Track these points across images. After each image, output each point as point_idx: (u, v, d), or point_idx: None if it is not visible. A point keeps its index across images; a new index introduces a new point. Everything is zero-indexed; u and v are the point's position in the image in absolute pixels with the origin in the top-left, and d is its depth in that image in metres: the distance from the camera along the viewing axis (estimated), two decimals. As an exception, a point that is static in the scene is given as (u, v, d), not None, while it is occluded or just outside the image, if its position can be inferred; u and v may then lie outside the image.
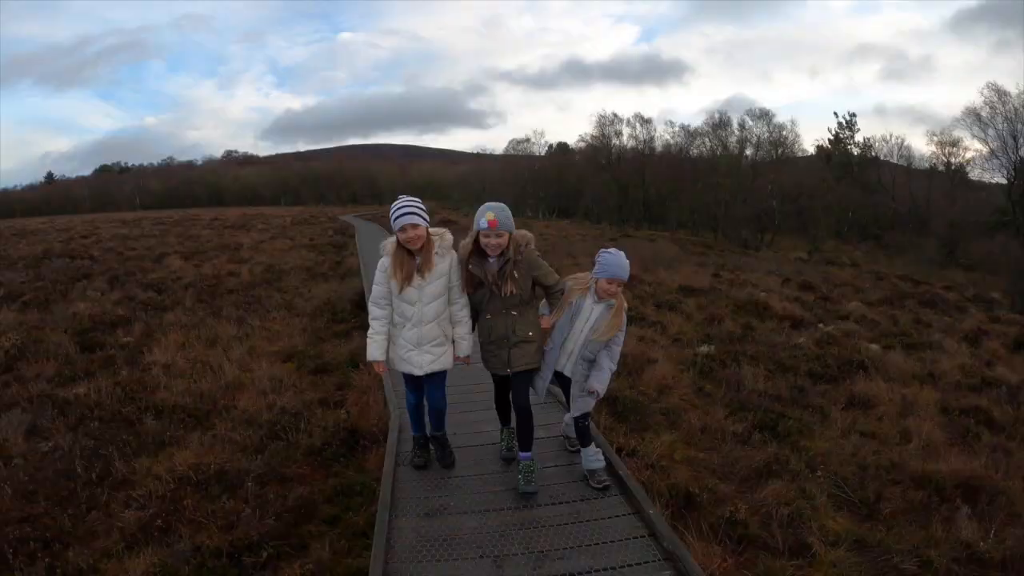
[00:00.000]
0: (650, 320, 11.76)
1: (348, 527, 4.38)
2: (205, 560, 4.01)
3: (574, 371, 4.70)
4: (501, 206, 4.45)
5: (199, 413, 6.60)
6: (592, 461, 4.78)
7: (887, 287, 22.14)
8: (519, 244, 4.45)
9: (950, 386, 8.90)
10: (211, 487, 4.99)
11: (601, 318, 4.57)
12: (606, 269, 4.54)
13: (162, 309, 12.25)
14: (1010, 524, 5.00)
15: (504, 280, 4.38)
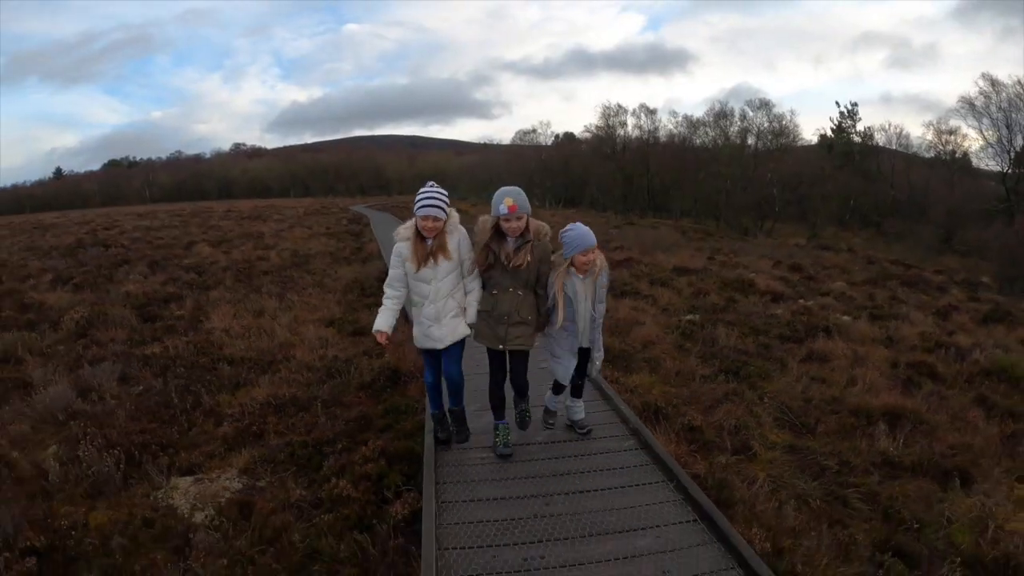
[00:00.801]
0: (643, 294, 13.01)
1: (398, 432, 5.74)
2: (295, 451, 5.43)
3: (592, 337, 5.05)
4: (517, 190, 4.64)
5: (263, 362, 7.99)
6: (579, 412, 5.45)
7: (875, 270, 22.93)
8: (539, 231, 4.71)
9: (905, 348, 9.91)
10: (287, 409, 6.42)
11: (600, 287, 4.94)
12: (575, 245, 4.74)
13: (206, 288, 13.61)
14: (921, 440, 6.19)
15: (519, 254, 4.58)
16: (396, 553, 3.98)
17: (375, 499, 4.67)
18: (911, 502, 4.98)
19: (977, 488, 5.25)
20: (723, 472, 5.12)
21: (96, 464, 5.24)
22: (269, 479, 5.15)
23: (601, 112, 66.66)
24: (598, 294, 4.95)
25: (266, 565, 4.06)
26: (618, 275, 15.00)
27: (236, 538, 4.32)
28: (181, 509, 4.75)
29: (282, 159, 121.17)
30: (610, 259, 17.12)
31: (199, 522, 4.55)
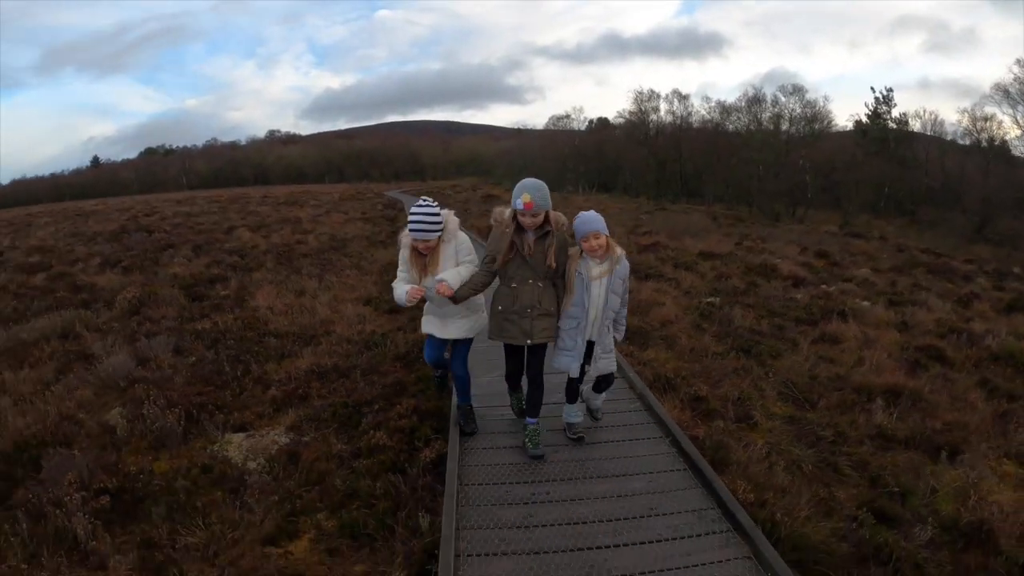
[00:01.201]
0: (667, 277, 13.41)
1: (429, 395, 6.30)
2: (337, 410, 6.06)
3: (599, 334, 4.78)
4: (537, 185, 4.56)
5: (306, 336, 8.64)
6: (595, 405, 5.42)
7: (903, 258, 22.86)
8: (556, 221, 4.62)
9: (919, 333, 10.15)
10: (329, 376, 7.06)
11: (617, 277, 4.70)
12: (581, 230, 4.61)
13: (248, 270, 14.35)
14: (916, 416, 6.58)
15: (545, 248, 4.58)
16: (424, 490, 4.60)
17: (407, 448, 5.27)
18: (900, 472, 5.33)
19: (963, 461, 5.57)
20: (721, 435, 5.59)
21: (159, 421, 5.90)
22: (313, 435, 5.76)
23: (634, 97, 66.24)
24: (613, 284, 4.68)
25: (311, 501, 4.69)
26: (643, 259, 15.43)
27: (285, 480, 4.98)
28: (235, 459, 5.39)
29: (317, 145, 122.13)
30: (637, 243, 17.55)
31: (252, 469, 5.19)
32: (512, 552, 3.68)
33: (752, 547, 3.62)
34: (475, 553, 3.68)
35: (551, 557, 3.61)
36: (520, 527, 3.94)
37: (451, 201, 38.24)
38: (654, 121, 64.95)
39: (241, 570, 3.96)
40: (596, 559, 3.59)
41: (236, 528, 4.42)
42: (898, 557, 4.02)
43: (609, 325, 4.82)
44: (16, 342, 9.18)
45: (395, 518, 4.35)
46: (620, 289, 4.77)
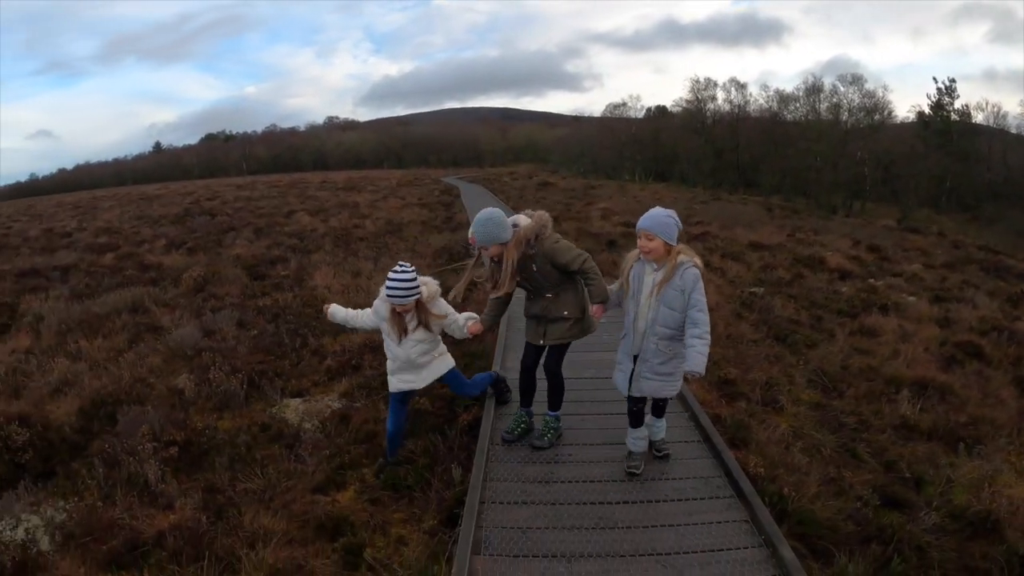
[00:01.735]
0: (713, 266, 13.64)
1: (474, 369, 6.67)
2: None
3: (644, 347, 4.28)
4: (482, 220, 4.52)
5: (361, 314, 9.18)
6: (658, 430, 4.75)
7: (957, 254, 22.42)
8: (527, 241, 4.51)
9: (960, 329, 10.10)
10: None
11: (673, 289, 4.11)
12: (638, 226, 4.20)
13: (307, 252, 15.08)
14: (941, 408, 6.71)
15: (496, 282, 4.61)
16: (460, 449, 5.06)
17: (448, 413, 5.77)
18: (917, 461, 5.48)
19: (980, 454, 5.67)
20: (743, 416, 5.88)
21: (224, 385, 6.49)
22: (364, 401, 6.27)
23: (690, 86, 66.14)
24: (667, 296, 4.12)
25: (359, 456, 5.21)
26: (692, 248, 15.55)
27: (336, 438, 5.51)
28: (292, 420, 5.95)
29: (375, 131, 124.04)
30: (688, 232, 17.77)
31: (307, 429, 5.72)
32: (531, 502, 4.11)
33: (750, 512, 3.94)
34: (498, 501, 4.13)
35: (565, 508, 4.02)
36: (541, 482, 4.37)
37: (507, 188, 38.68)
38: (711, 110, 64.80)
39: (293, 513, 4.44)
40: (605, 512, 3.99)
41: (290, 477, 4.94)
42: (900, 539, 4.16)
43: (665, 346, 4.21)
44: (90, 315, 9.97)
45: (432, 472, 4.81)
46: (678, 304, 4.09)
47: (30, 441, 5.41)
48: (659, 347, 4.22)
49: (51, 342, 8.93)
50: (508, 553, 3.61)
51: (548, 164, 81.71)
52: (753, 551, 3.60)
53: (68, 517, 4.44)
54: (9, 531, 4.29)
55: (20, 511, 4.52)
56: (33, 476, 5.14)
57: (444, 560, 3.76)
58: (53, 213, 36.31)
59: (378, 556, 4.00)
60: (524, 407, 5.17)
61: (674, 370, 4.30)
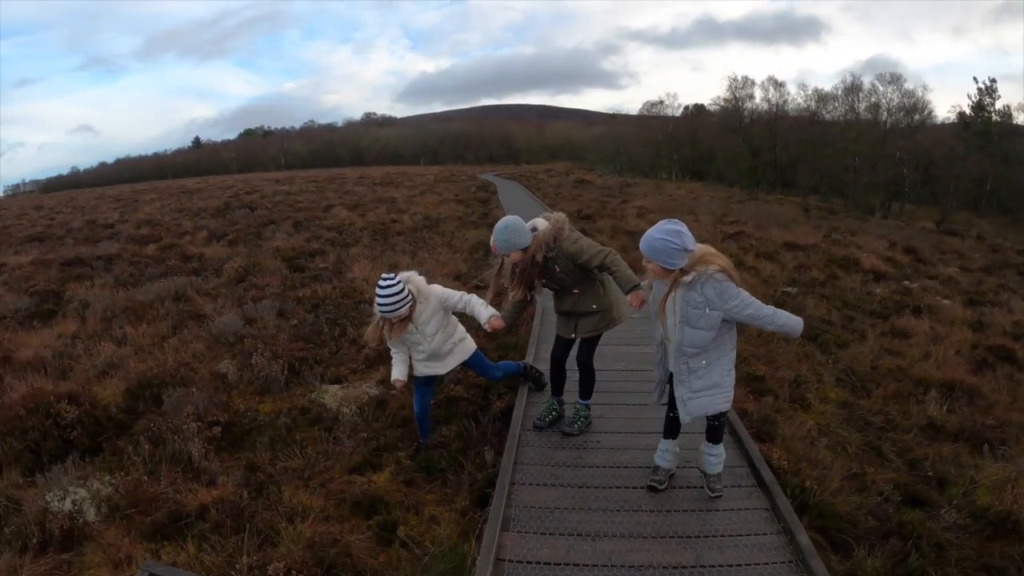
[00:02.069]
0: (747, 266, 13.61)
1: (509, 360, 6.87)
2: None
3: (677, 369, 3.99)
4: (503, 227, 4.65)
5: (398, 305, 9.41)
6: (711, 463, 4.23)
7: (996, 258, 22.11)
8: (546, 245, 4.62)
9: (994, 333, 10.02)
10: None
11: (690, 306, 3.74)
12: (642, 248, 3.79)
13: (345, 245, 15.39)
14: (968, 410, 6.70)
15: (515, 285, 4.80)
16: (492, 434, 5.24)
17: (482, 400, 5.99)
18: (942, 461, 5.50)
19: (1004, 455, 5.68)
20: (769, 411, 5.97)
21: (265, 370, 6.75)
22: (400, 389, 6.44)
23: (728, 84, 65.64)
24: (686, 313, 3.76)
25: (395, 439, 5.44)
26: (726, 247, 15.57)
27: (374, 422, 5.74)
28: (331, 405, 6.17)
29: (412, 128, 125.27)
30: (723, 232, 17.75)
31: (345, 413, 5.95)
32: (559, 484, 4.29)
33: (770, 501, 4.06)
34: (528, 483, 4.31)
35: (592, 491, 4.19)
36: (569, 466, 4.55)
37: (544, 185, 38.84)
38: (749, 108, 64.20)
39: (330, 491, 4.67)
40: (630, 496, 4.15)
41: (328, 458, 5.17)
42: (919, 535, 4.22)
43: (696, 363, 3.90)
44: (134, 302, 10.29)
45: (465, 456, 5.01)
46: (703, 322, 3.73)
47: (78, 419, 5.65)
48: (691, 366, 3.90)
49: (96, 328, 9.24)
50: (535, 531, 3.79)
51: (584, 162, 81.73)
52: (771, 537, 3.73)
53: (114, 491, 4.67)
54: (57, 502, 4.52)
55: (68, 484, 4.76)
56: (80, 452, 5.41)
57: (474, 538, 3.94)
58: (95, 205, 37.18)
59: (411, 533, 4.19)
60: (555, 396, 5.30)
61: (721, 380, 3.94)
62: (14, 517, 4.36)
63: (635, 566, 3.48)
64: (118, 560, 4.03)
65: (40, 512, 4.34)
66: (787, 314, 3.85)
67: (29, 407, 5.62)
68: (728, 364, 3.97)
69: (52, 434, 5.49)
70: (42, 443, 5.40)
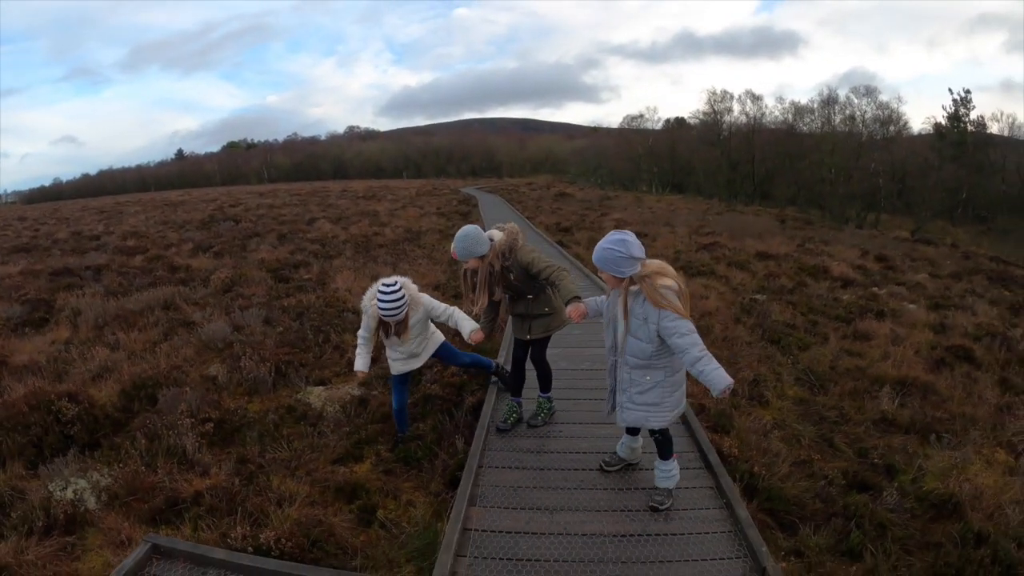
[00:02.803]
0: (718, 275, 14.18)
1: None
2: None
3: (620, 377, 4.17)
4: (463, 236, 4.96)
5: (378, 313, 9.76)
6: (661, 476, 4.32)
7: (966, 265, 22.51)
8: (502, 254, 4.97)
9: (955, 335, 10.40)
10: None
11: (635, 317, 3.92)
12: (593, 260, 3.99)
13: (329, 257, 15.76)
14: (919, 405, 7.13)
15: (475, 292, 5.11)
16: (464, 426, 5.67)
17: (456, 398, 6.40)
18: (892, 451, 5.91)
19: (948, 443, 6.09)
20: (726, 407, 6.38)
21: (254, 372, 7.10)
22: (381, 389, 6.85)
23: (707, 98, 66.70)
24: (632, 325, 3.95)
25: (375, 433, 5.84)
26: (699, 257, 16.17)
27: (356, 418, 6.14)
28: (315, 404, 6.54)
29: (395, 141, 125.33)
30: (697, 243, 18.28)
31: (329, 411, 6.32)
32: (522, 467, 4.73)
33: (715, 480, 4.49)
34: (493, 465, 4.75)
35: (552, 473, 4.63)
36: (533, 452, 4.99)
37: (525, 199, 39.33)
38: (727, 122, 65.14)
39: (315, 479, 5.05)
40: (586, 477, 4.59)
41: (313, 450, 5.57)
42: (862, 516, 4.60)
43: (639, 375, 4.05)
44: (124, 311, 10.61)
45: (440, 446, 5.42)
46: (643, 333, 3.90)
47: (78, 415, 5.99)
48: (632, 377, 4.06)
49: (88, 335, 9.56)
50: (499, 505, 4.21)
51: (566, 175, 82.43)
52: (714, 511, 4.15)
53: (113, 481, 5.01)
54: (59, 491, 4.85)
55: (69, 475, 5.09)
56: (80, 446, 5.74)
57: (446, 517, 4.32)
58: (79, 217, 37.40)
59: (389, 516, 4.57)
60: (515, 398, 5.61)
61: (659, 400, 4.05)
62: (19, 504, 4.68)
63: (587, 534, 3.90)
64: (119, 541, 4.34)
65: (44, 499, 4.67)
66: (716, 367, 3.73)
67: (32, 404, 5.96)
68: (671, 388, 4.07)
69: (53, 429, 5.82)
70: (44, 438, 5.74)
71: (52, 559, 4.16)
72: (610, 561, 3.66)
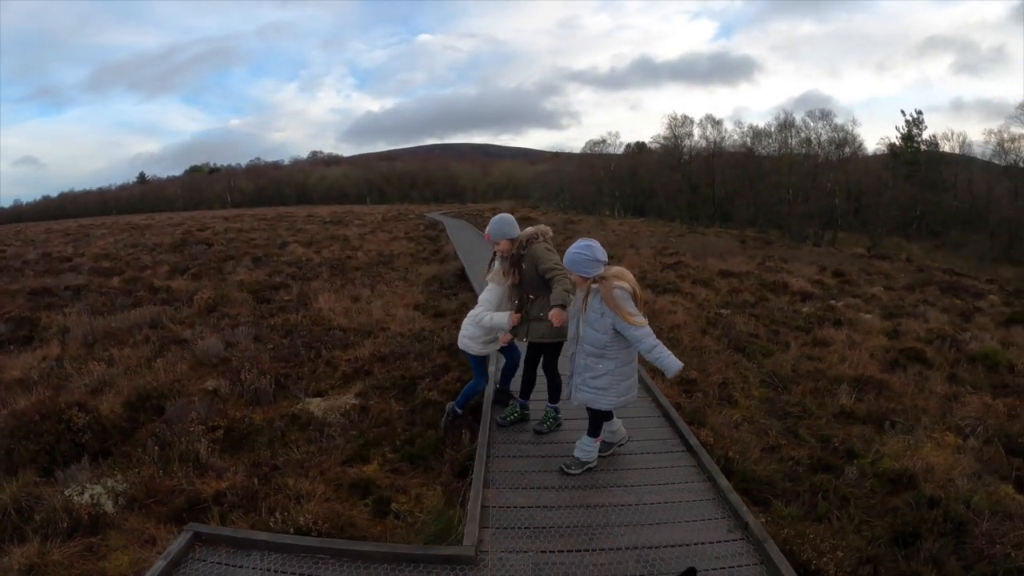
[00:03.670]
0: (684, 292, 14.79)
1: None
2: (396, 381, 7.57)
3: (576, 362, 4.81)
4: (499, 219, 5.63)
5: (365, 331, 10.17)
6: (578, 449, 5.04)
7: (920, 277, 23.59)
8: (521, 242, 5.47)
9: (909, 340, 11.15)
10: (388, 359, 8.56)
11: (592, 311, 4.62)
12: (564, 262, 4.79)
13: (307, 279, 16.06)
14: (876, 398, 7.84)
15: (506, 271, 5.55)
16: (464, 426, 6.11)
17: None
18: (851, 439, 6.51)
19: (899, 428, 6.80)
20: (700, 404, 6.97)
21: (255, 383, 7.45)
22: (377, 399, 7.22)
23: (668, 123, 68.23)
24: (589, 316, 4.63)
25: (379, 436, 6.23)
26: (664, 276, 16.82)
27: (360, 423, 6.52)
28: (317, 413, 6.89)
29: (358, 166, 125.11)
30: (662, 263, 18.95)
31: (332, 419, 6.69)
32: (527, 456, 5.26)
33: (696, 460, 5.10)
34: (500, 455, 5.27)
35: (554, 459, 5.14)
36: (534, 443, 5.56)
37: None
38: (688, 146, 66.52)
39: (327, 478, 5.44)
40: (585, 461, 5.08)
41: (322, 453, 5.94)
42: (827, 490, 5.23)
43: (593, 362, 4.70)
44: (112, 329, 10.81)
45: (444, 444, 5.88)
46: (598, 324, 4.57)
47: (88, 424, 6.24)
48: (587, 363, 4.69)
49: (79, 352, 9.72)
50: (510, 487, 4.72)
51: (529, 200, 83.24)
52: (698, 484, 4.74)
53: (129, 485, 5.30)
54: (76, 496, 5.09)
55: (84, 480, 5.34)
56: (91, 454, 5.99)
57: (459, 504, 4.76)
58: (45, 239, 37.06)
59: (401, 509, 4.98)
60: (523, 398, 5.98)
61: (608, 386, 4.68)
62: (38, 509, 4.90)
63: (590, 506, 4.45)
64: (144, 540, 4.65)
65: (66, 502, 4.93)
66: (668, 354, 4.40)
67: (43, 413, 6.19)
68: (620, 377, 4.70)
69: (65, 437, 6.06)
70: (56, 446, 5.97)
71: (78, 559, 4.41)
72: (614, 525, 4.22)
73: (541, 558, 3.90)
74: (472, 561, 3.84)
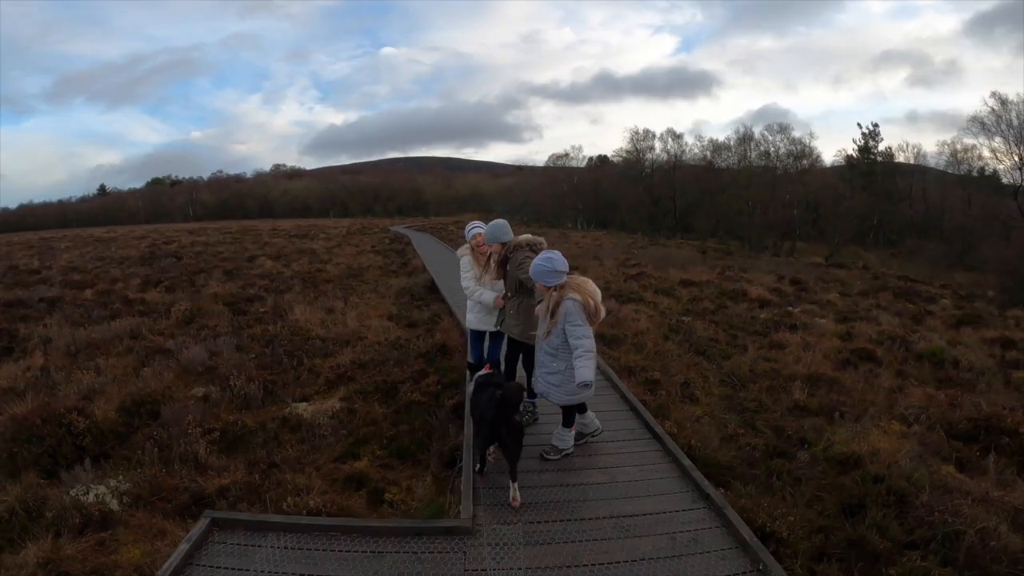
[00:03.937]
0: (647, 300, 15.45)
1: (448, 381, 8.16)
2: (379, 386, 8.01)
3: (539, 358, 5.53)
4: (495, 224, 6.30)
5: (343, 341, 10.55)
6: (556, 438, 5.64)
7: (875, 284, 24.84)
8: (511, 247, 6.07)
9: (860, 341, 11.87)
10: (368, 366, 8.97)
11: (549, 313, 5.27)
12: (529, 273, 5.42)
13: (280, 291, 16.35)
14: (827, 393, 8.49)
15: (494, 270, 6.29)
16: (447, 422, 6.64)
17: (435, 403, 7.27)
18: (805, 430, 7.09)
19: (846, 417, 7.46)
20: (664, 401, 7.54)
21: (244, 389, 7.81)
22: (361, 403, 7.64)
23: (629, 136, 69.25)
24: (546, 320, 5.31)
25: (368, 434, 6.67)
26: (628, 286, 17.44)
27: (348, 423, 6.96)
28: (306, 416, 7.28)
29: (321, 180, 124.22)
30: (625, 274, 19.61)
31: (321, 420, 7.09)
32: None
33: (662, 445, 5.71)
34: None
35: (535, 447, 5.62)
36: None
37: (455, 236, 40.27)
38: (649, 159, 67.37)
39: (323, 473, 5.87)
40: (563, 448, 5.61)
41: (315, 451, 6.37)
42: (782, 472, 5.81)
43: (549, 360, 5.34)
44: (93, 339, 11.03)
45: (430, 438, 6.35)
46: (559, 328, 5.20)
47: (87, 428, 6.54)
48: (544, 360, 5.40)
49: (63, 362, 9.94)
50: (496, 472, 5.21)
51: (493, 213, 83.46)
52: (664, 465, 5.35)
53: (133, 485, 5.60)
54: (82, 496, 5.38)
55: (88, 481, 5.63)
56: (91, 457, 6.26)
57: (448, 491, 5.23)
58: (8, 251, 36.49)
59: (395, 499, 5.41)
60: None
61: (562, 382, 5.28)
62: (46, 508, 5.20)
63: (570, 484, 5.03)
64: (153, 534, 4.97)
65: (74, 500, 5.24)
66: (585, 365, 4.97)
67: (44, 417, 6.49)
68: (570, 378, 5.18)
69: (66, 441, 6.34)
70: (58, 448, 6.26)
71: (91, 553, 4.71)
72: (592, 500, 4.81)
73: (530, 528, 4.45)
74: (470, 531, 4.37)
